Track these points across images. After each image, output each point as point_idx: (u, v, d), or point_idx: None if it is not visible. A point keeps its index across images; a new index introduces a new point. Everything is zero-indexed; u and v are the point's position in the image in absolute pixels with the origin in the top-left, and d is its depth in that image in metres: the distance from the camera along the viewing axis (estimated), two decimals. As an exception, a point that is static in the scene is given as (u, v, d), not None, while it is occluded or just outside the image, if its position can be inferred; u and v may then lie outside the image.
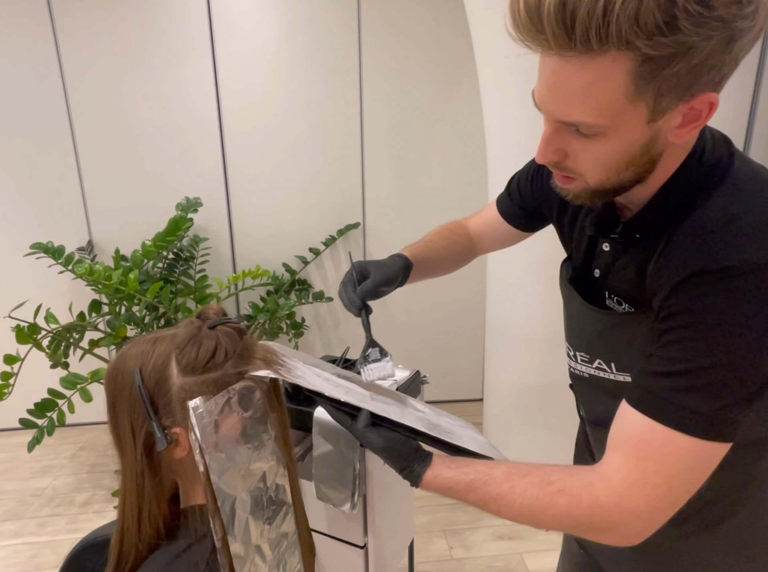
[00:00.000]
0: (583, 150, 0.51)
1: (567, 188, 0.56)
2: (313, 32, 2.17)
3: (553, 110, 0.50)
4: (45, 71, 2.11)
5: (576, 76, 0.45)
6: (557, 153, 0.53)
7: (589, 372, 0.68)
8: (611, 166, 0.51)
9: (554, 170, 0.56)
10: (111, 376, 0.57)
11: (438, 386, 2.58)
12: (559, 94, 0.48)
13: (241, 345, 0.59)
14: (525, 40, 0.46)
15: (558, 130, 0.51)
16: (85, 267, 1.66)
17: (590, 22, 0.41)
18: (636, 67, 0.43)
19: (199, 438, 0.52)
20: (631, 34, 0.41)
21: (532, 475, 0.54)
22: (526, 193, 0.82)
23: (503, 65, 1.66)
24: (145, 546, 0.55)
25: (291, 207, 2.34)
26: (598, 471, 0.53)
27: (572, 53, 0.44)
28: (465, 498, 0.55)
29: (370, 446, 0.58)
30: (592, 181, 0.53)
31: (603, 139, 0.48)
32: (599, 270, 0.65)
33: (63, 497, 2.01)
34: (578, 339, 0.69)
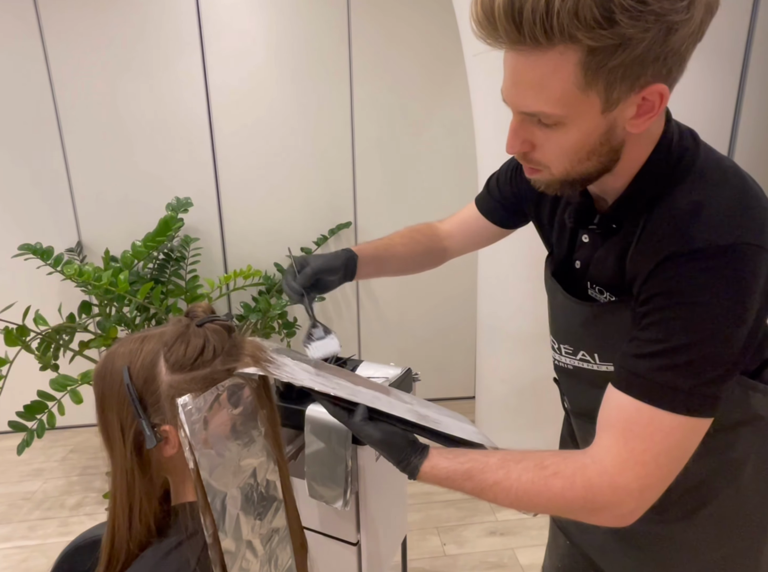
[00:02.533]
0: (546, 140, 0.54)
1: (537, 178, 0.59)
2: (303, 32, 2.17)
3: (515, 102, 0.53)
4: (31, 70, 2.09)
5: (531, 68, 0.48)
6: (525, 144, 0.56)
7: (574, 364, 0.69)
8: (573, 155, 0.53)
9: (522, 162, 0.59)
10: (99, 375, 0.57)
11: (430, 384, 2.59)
12: (519, 87, 0.51)
13: (230, 343, 0.59)
14: (483, 38, 0.49)
15: (523, 122, 0.54)
16: (74, 268, 1.65)
17: (535, 17, 0.44)
18: (583, 59, 0.46)
19: (189, 435, 0.52)
20: (572, 27, 0.43)
21: (526, 460, 0.55)
22: (506, 190, 0.84)
23: (492, 66, 1.67)
24: (136, 544, 0.55)
25: (282, 207, 2.34)
26: (590, 453, 0.55)
27: (524, 47, 0.47)
28: (462, 488, 0.57)
29: (367, 439, 0.58)
30: (556, 170, 0.56)
31: (563, 128, 0.51)
32: (580, 261, 0.67)
33: (53, 500, 2.00)
34: (562, 331, 0.71)
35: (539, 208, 0.76)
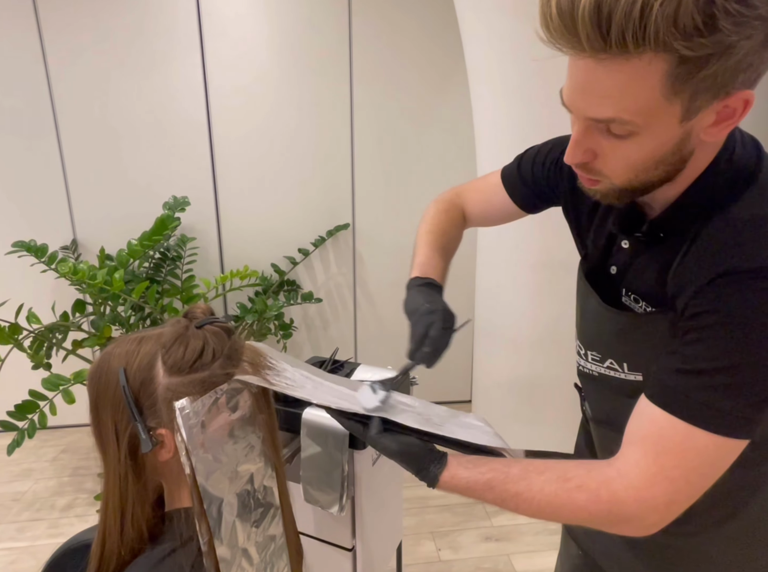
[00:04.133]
0: (613, 150, 0.50)
1: (595, 189, 0.56)
2: (303, 33, 2.16)
3: (584, 108, 0.49)
4: (29, 68, 2.07)
5: (610, 77, 0.45)
6: (587, 153, 0.52)
7: (600, 371, 0.67)
8: (641, 165, 0.51)
9: (580, 172, 0.55)
10: (94, 376, 0.56)
11: (427, 387, 2.57)
12: (592, 94, 0.47)
13: (229, 345, 0.58)
14: (556, 43, 0.46)
15: (588, 130, 0.51)
16: (68, 266, 1.63)
17: (627, 24, 0.40)
18: (672, 68, 0.42)
19: (186, 439, 0.51)
20: (668, 35, 0.40)
21: (549, 472, 0.54)
22: (541, 178, 0.78)
23: (493, 67, 1.67)
24: (128, 551, 0.54)
25: (280, 207, 2.33)
26: (615, 465, 0.53)
27: (606, 55, 0.43)
28: (483, 497, 0.56)
29: (384, 452, 0.57)
30: (618, 180, 0.53)
31: (635, 138, 0.48)
32: (616, 267, 0.65)
33: (44, 501, 1.97)
34: (591, 338, 0.68)
35: (577, 208, 0.73)
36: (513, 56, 1.59)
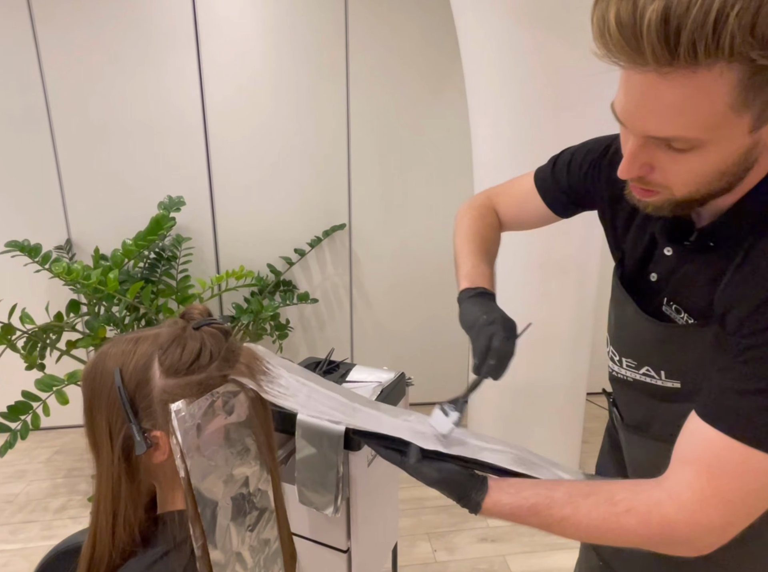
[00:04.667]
0: (673, 164, 0.48)
1: (650, 201, 0.53)
2: (300, 33, 2.16)
3: (642, 125, 0.46)
4: (23, 66, 2.06)
5: (673, 91, 0.42)
6: (643, 168, 0.50)
7: (635, 377, 0.66)
8: (704, 177, 0.48)
9: (636, 184, 0.52)
10: (89, 376, 0.55)
11: (422, 388, 2.57)
12: (652, 110, 0.45)
13: (226, 348, 0.57)
14: (613, 57, 0.43)
15: (645, 145, 0.48)
16: (62, 266, 1.61)
17: (699, 36, 0.38)
18: (745, 79, 0.40)
19: (181, 442, 0.51)
20: (745, 45, 0.38)
21: (594, 495, 0.53)
22: (578, 182, 0.76)
23: (490, 68, 1.67)
24: (119, 554, 0.53)
25: (276, 207, 2.32)
26: (665, 487, 0.52)
27: (671, 68, 0.41)
28: (527, 522, 0.55)
29: (425, 480, 0.57)
30: (680, 193, 0.50)
31: (699, 151, 0.46)
32: (657, 274, 0.63)
33: (37, 503, 1.95)
34: (627, 345, 0.67)
35: (615, 212, 0.70)
36: (510, 58, 1.60)
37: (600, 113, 1.65)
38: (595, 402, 2.66)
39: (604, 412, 2.60)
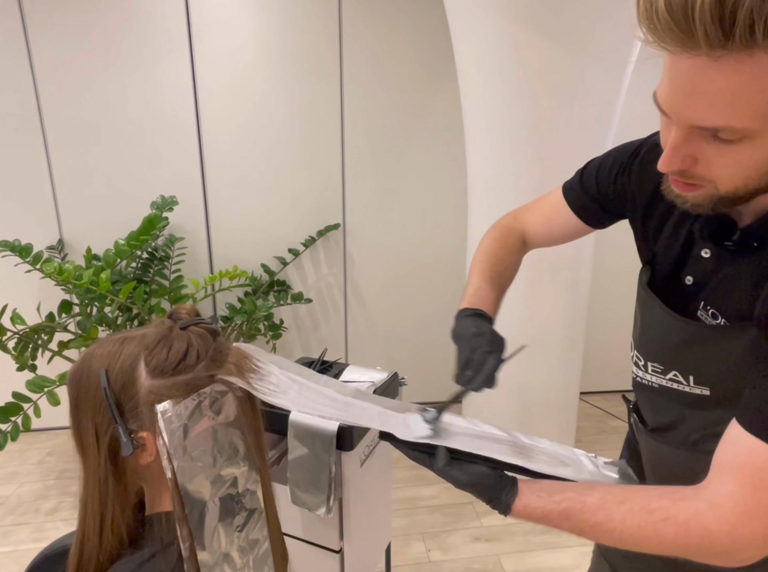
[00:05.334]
0: (720, 156, 0.45)
1: (686, 196, 0.51)
2: (293, 32, 2.15)
3: (688, 115, 0.44)
4: (14, 64, 2.04)
5: (725, 77, 0.40)
6: (686, 160, 0.47)
7: (660, 383, 0.65)
8: (754, 171, 0.45)
9: (677, 177, 0.50)
10: (75, 377, 0.55)
11: (416, 388, 2.57)
12: (700, 98, 0.42)
13: (214, 347, 0.57)
14: (662, 42, 0.41)
15: (689, 136, 0.45)
16: (53, 266, 1.60)
17: (758, 15, 0.36)
18: None
19: (167, 443, 0.50)
20: None
21: (629, 502, 0.52)
22: (606, 188, 0.73)
23: (483, 67, 1.68)
24: (107, 556, 0.53)
25: (270, 207, 2.31)
26: (705, 497, 0.50)
27: (724, 52, 0.39)
28: (559, 527, 0.54)
29: (454, 483, 0.55)
30: (724, 187, 0.48)
31: (749, 142, 0.43)
32: (693, 277, 0.60)
33: (28, 505, 1.94)
34: (654, 349, 0.65)
35: (648, 213, 0.67)
36: (503, 58, 1.60)
37: (593, 111, 1.66)
38: (588, 401, 2.67)
39: (597, 411, 2.61)
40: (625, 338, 2.85)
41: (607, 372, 2.71)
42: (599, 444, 2.33)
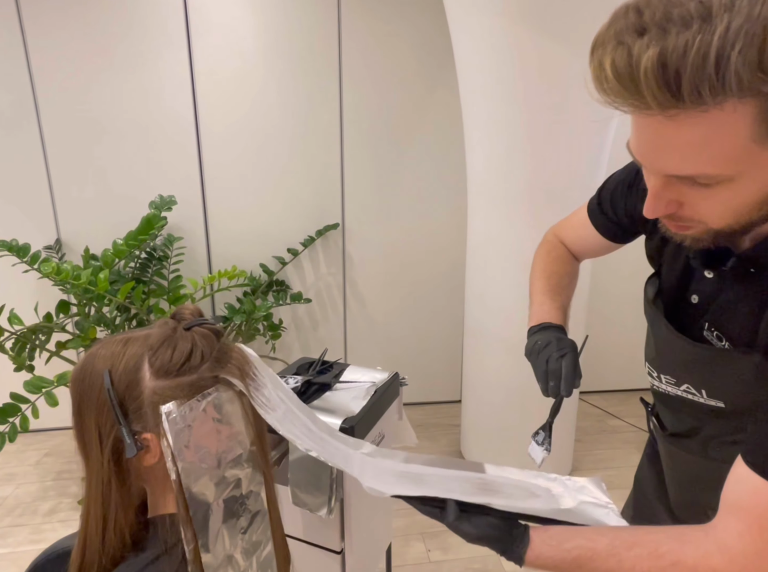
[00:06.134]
0: (704, 199, 0.45)
1: (686, 234, 0.51)
2: (292, 32, 2.15)
3: (660, 166, 0.45)
4: (11, 63, 2.03)
5: (686, 131, 0.41)
6: (670, 205, 0.47)
7: (676, 393, 0.65)
8: (741, 209, 0.45)
9: (667, 221, 0.50)
10: (78, 378, 0.54)
11: (416, 388, 2.57)
12: (667, 151, 0.43)
13: (218, 348, 0.57)
14: (616, 104, 0.42)
15: (669, 183, 0.46)
16: (51, 266, 1.59)
17: (701, 79, 0.37)
18: (764, 110, 0.39)
19: (172, 444, 0.50)
20: (756, 81, 0.36)
21: (638, 547, 0.51)
22: (619, 207, 0.74)
23: (483, 68, 1.68)
24: (109, 559, 0.52)
25: (269, 206, 2.31)
26: (713, 538, 0.50)
27: (677, 111, 0.39)
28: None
29: (465, 538, 0.56)
30: (716, 225, 0.47)
31: (729, 184, 0.43)
32: (698, 296, 0.60)
33: (26, 506, 1.93)
34: (664, 363, 0.65)
35: (653, 229, 0.67)
36: (503, 59, 1.60)
37: (595, 114, 1.66)
38: (587, 400, 2.67)
39: (597, 411, 2.61)
40: (624, 338, 2.87)
41: (606, 372, 2.72)
42: (599, 444, 2.34)
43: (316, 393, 1.13)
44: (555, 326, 0.76)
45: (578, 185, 1.72)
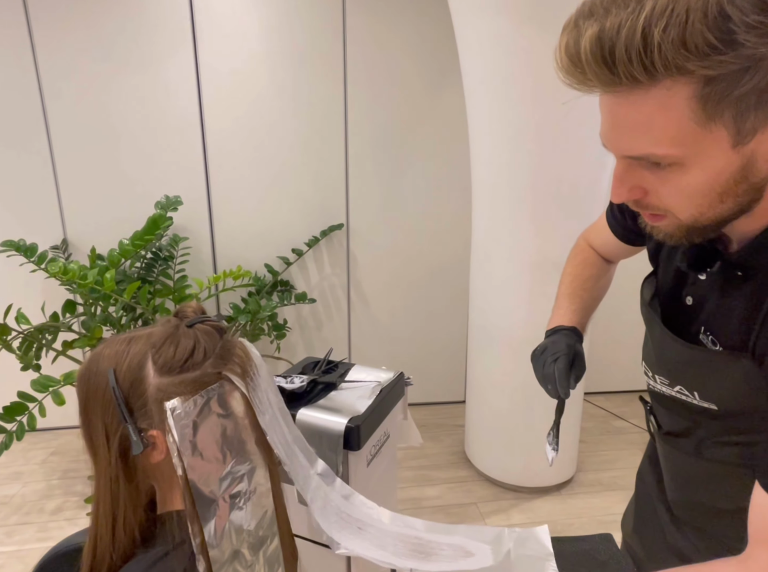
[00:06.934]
0: (662, 184, 0.47)
1: (658, 226, 0.52)
2: (298, 32, 2.15)
3: (617, 146, 0.47)
4: (19, 65, 2.05)
5: (633, 109, 0.43)
6: (633, 191, 0.49)
7: (671, 393, 0.65)
8: (700, 199, 0.46)
9: (637, 209, 0.51)
10: (83, 378, 0.55)
11: (421, 388, 2.57)
12: (620, 130, 0.45)
13: (221, 345, 0.57)
14: (572, 85, 0.45)
15: (629, 167, 0.48)
16: (58, 265, 1.60)
17: (631, 56, 0.39)
18: (699, 90, 0.40)
19: (177, 440, 0.50)
20: (680, 59, 0.38)
21: None
22: (624, 208, 0.75)
23: (488, 67, 1.67)
24: (120, 555, 0.53)
25: (273, 207, 2.32)
26: (745, 566, 0.50)
27: (621, 89, 0.42)
28: None
29: None
30: (683, 215, 0.48)
31: (681, 169, 0.44)
32: (692, 298, 0.60)
33: (32, 504, 1.94)
34: (658, 364, 0.65)
35: None
36: (507, 55, 1.60)
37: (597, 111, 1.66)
38: (592, 401, 2.66)
39: (601, 412, 2.60)
40: (629, 338, 2.85)
41: (611, 373, 2.71)
42: (603, 445, 2.33)
43: (322, 393, 1.13)
44: (566, 328, 0.77)
45: (583, 187, 1.72)
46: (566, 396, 0.69)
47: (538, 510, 1.91)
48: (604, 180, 1.76)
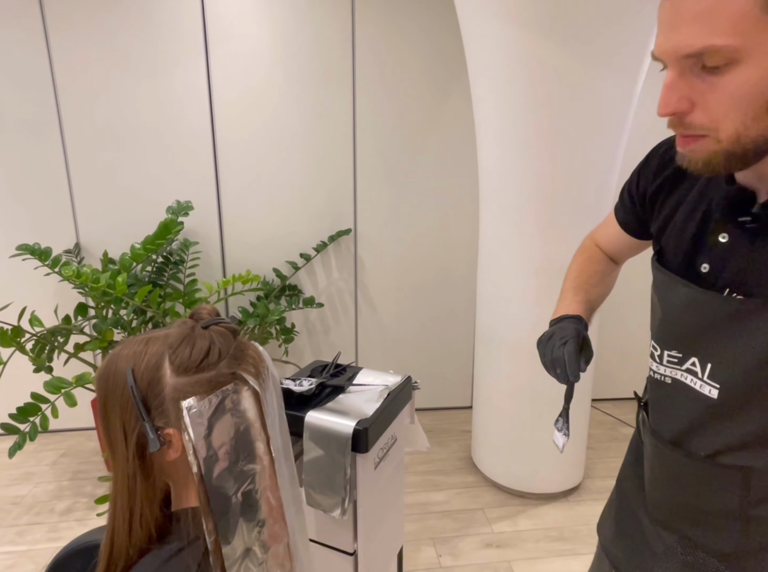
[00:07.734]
0: (712, 91, 0.46)
1: (694, 151, 0.50)
2: (307, 40, 2.18)
3: (673, 46, 0.46)
4: (34, 70, 2.09)
5: (696, 1, 0.43)
6: (682, 101, 0.48)
7: (675, 375, 0.64)
8: (747, 105, 0.45)
9: (677, 129, 0.50)
10: (102, 377, 0.56)
11: (427, 393, 2.58)
12: (681, 26, 0.45)
13: (235, 346, 0.59)
14: None
15: (682, 74, 0.47)
16: (72, 269, 1.63)
17: None
18: None
19: (193, 438, 0.52)
20: None
21: None
22: (635, 193, 0.76)
23: (495, 74, 1.69)
24: (136, 550, 0.54)
25: (282, 212, 2.34)
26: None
27: None
28: None
29: None
30: (725, 132, 0.47)
31: (736, 67, 0.44)
32: (709, 265, 0.59)
33: (43, 505, 1.96)
34: (675, 335, 0.63)
35: (665, 202, 0.67)
36: (514, 62, 1.61)
37: (605, 117, 1.67)
38: (600, 408, 2.65)
39: (609, 419, 2.59)
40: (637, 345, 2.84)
41: (619, 379, 2.69)
42: (611, 452, 2.31)
43: (330, 396, 1.14)
44: (571, 317, 0.76)
45: (591, 191, 1.72)
46: (576, 379, 0.69)
47: (545, 516, 1.91)
48: (612, 186, 1.77)
